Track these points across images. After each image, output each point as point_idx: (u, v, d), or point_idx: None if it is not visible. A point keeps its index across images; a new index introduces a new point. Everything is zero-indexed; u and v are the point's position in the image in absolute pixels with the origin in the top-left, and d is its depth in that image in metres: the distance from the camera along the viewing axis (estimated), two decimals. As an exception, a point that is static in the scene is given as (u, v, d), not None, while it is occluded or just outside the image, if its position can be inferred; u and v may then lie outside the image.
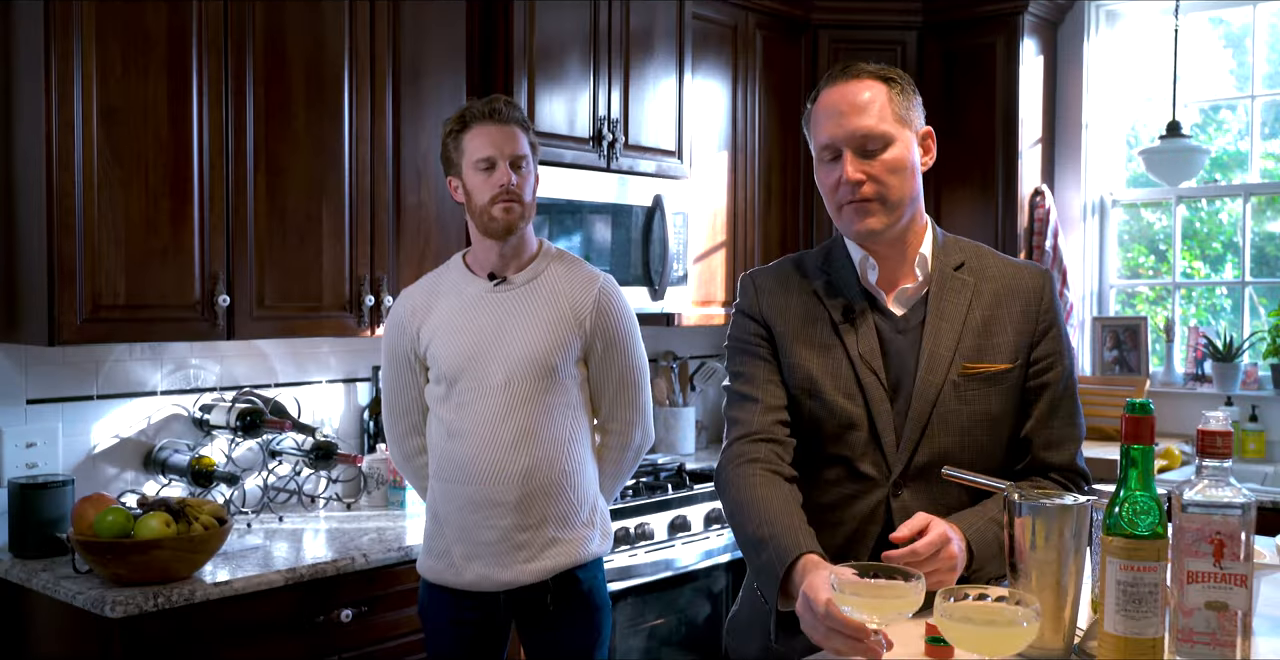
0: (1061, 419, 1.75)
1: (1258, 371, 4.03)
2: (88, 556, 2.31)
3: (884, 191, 1.69)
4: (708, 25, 3.90)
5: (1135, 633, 1.29)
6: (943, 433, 1.70)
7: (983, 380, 1.71)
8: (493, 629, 2.36)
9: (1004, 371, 1.72)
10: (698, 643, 3.45)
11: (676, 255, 3.64)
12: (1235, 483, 1.34)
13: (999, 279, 1.77)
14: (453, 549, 2.31)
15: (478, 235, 2.35)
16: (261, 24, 2.73)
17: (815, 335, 1.76)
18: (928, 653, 1.45)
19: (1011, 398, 1.73)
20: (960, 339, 1.72)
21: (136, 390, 2.89)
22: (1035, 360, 1.74)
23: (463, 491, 2.30)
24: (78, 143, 2.44)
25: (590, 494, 2.38)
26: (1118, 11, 4.41)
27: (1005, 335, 1.73)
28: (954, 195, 4.33)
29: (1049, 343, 1.75)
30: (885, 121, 1.69)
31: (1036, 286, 1.77)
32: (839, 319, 1.75)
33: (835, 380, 1.73)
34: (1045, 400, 1.74)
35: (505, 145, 2.27)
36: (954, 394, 1.70)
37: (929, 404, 1.70)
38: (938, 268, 1.77)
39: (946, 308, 1.74)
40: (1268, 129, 4.21)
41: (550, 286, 2.34)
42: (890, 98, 1.70)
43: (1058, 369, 1.74)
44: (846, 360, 1.73)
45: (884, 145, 1.69)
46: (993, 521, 1.63)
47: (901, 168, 1.70)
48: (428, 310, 2.37)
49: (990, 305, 1.75)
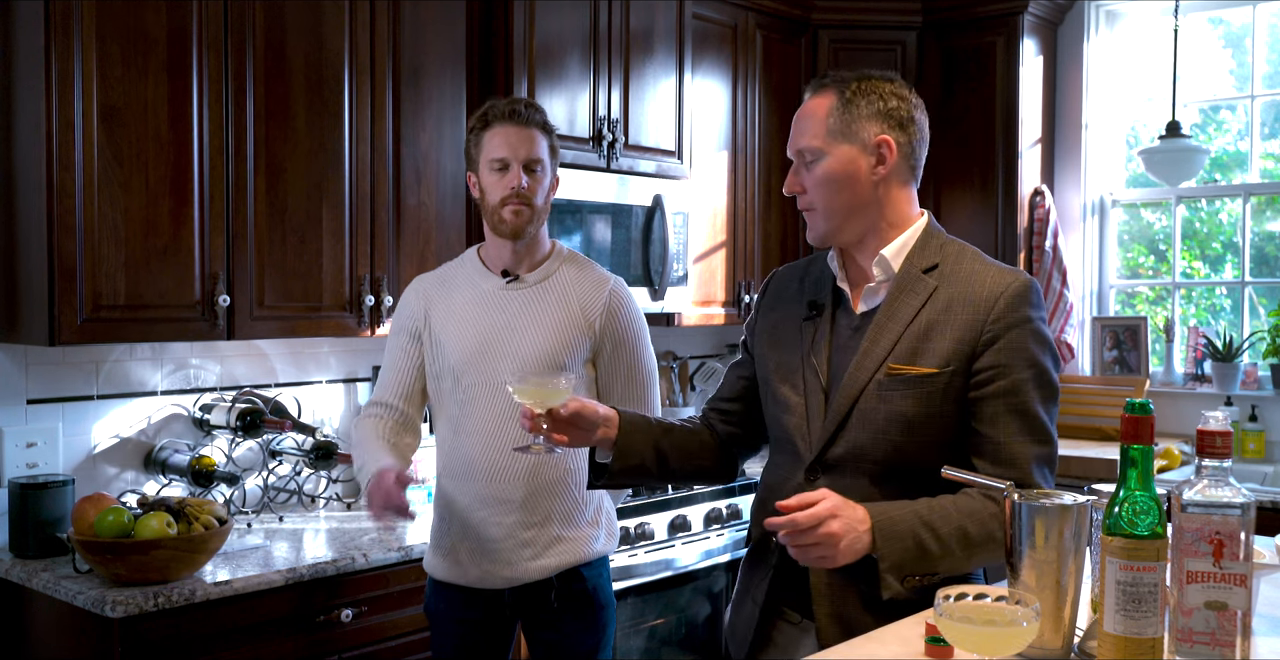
0: (1008, 433, 1.68)
1: (1257, 371, 4.03)
2: (88, 556, 2.31)
3: (814, 202, 1.78)
4: (708, 25, 3.90)
5: (1135, 633, 1.29)
6: (858, 428, 1.73)
7: (904, 382, 1.70)
8: (498, 627, 2.37)
9: (928, 376, 1.70)
10: (698, 643, 3.46)
11: (676, 255, 3.64)
12: (1235, 483, 1.34)
13: (961, 284, 1.74)
14: (458, 546, 2.32)
15: (491, 233, 2.36)
16: (261, 24, 2.73)
17: (784, 330, 1.88)
18: (928, 653, 1.46)
19: (936, 402, 1.70)
20: (899, 340, 1.73)
21: (137, 390, 2.89)
22: (977, 370, 1.69)
23: (469, 488, 2.31)
24: (78, 142, 2.44)
25: (596, 493, 2.39)
26: (1118, 11, 4.41)
27: (943, 341, 1.71)
28: (954, 195, 4.33)
29: (996, 354, 1.68)
30: (818, 138, 1.76)
31: (992, 296, 1.70)
32: (804, 315, 1.85)
33: (785, 372, 1.84)
34: (987, 414, 1.69)
35: (521, 147, 2.28)
36: (875, 393, 1.72)
37: (850, 400, 1.74)
38: (904, 269, 1.78)
39: (898, 309, 1.75)
40: (1267, 129, 4.22)
41: (562, 287, 2.35)
42: (831, 112, 1.76)
43: (1001, 382, 1.68)
44: (798, 354, 1.82)
45: (814, 160, 1.77)
46: (916, 516, 1.64)
47: (833, 180, 1.76)
48: (440, 298, 2.38)
49: (941, 310, 1.73)
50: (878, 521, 1.61)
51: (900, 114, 1.76)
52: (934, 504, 1.67)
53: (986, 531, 1.66)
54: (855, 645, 1.54)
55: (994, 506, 1.67)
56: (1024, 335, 1.70)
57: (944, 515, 1.65)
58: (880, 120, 1.75)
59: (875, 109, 1.75)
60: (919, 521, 1.63)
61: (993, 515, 1.66)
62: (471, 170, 2.36)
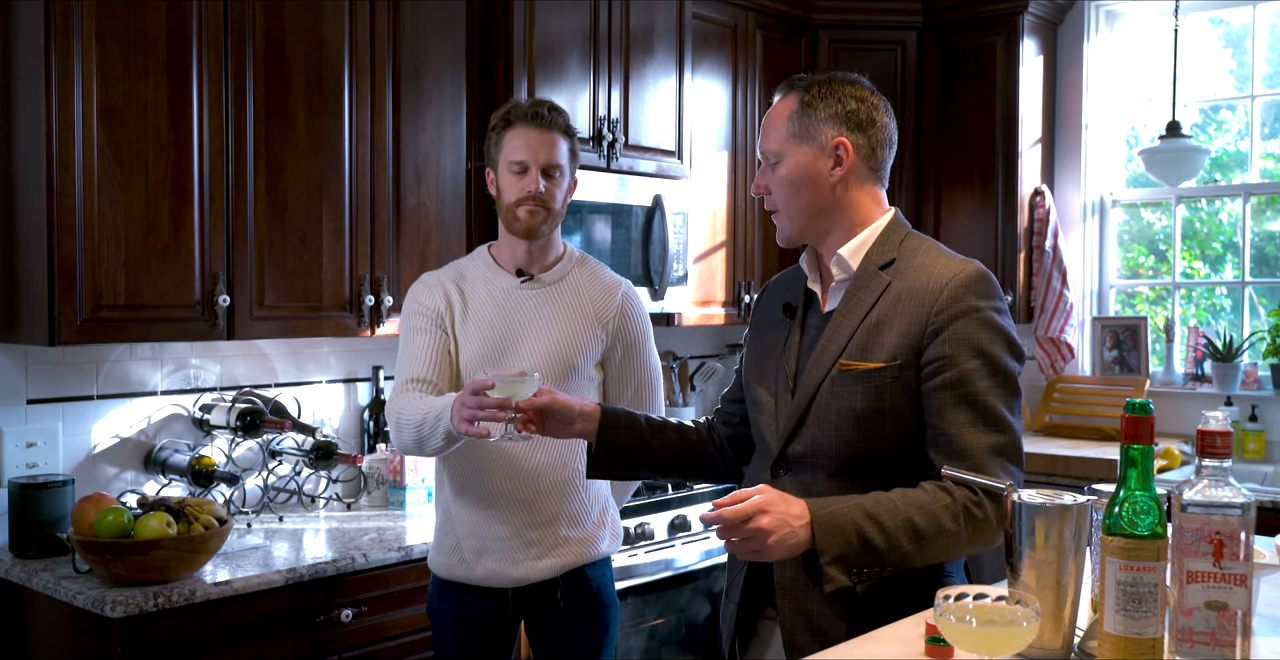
0: (959, 424, 1.67)
1: (1257, 371, 4.03)
2: (88, 556, 2.31)
3: (778, 203, 1.82)
4: (708, 25, 3.90)
5: (1135, 633, 1.29)
6: (815, 425, 1.76)
7: (853, 377, 1.72)
8: (501, 626, 2.37)
9: (876, 370, 1.71)
10: (698, 643, 3.46)
11: (676, 255, 3.64)
12: (1235, 483, 1.34)
13: (912, 278, 1.74)
14: (463, 544, 2.32)
15: (505, 232, 2.36)
16: (261, 24, 2.73)
17: (766, 333, 1.92)
18: (928, 653, 1.46)
19: (885, 397, 1.70)
20: (853, 336, 1.74)
21: (137, 390, 2.89)
22: (925, 363, 1.69)
23: (476, 487, 2.31)
24: (78, 143, 2.44)
25: (602, 495, 2.40)
26: (1118, 12, 4.41)
27: (891, 335, 1.71)
28: (954, 195, 4.33)
29: (941, 345, 1.68)
30: (779, 141, 1.81)
31: (938, 287, 1.70)
32: (781, 316, 1.90)
33: (761, 373, 1.89)
34: (937, 407, 1.68)
35: (540, 151, 2.28)
36: (829, 389, 1.74)
37: (807, 397, 1.77)
38: (862, 266, 1.79)
39: (854, 306, 1.77)
40: (1267, 129, 4.22)
41: (575, 288, 2.36)
42: (791, 115, 1.79)
43: (948, 373, 1.67)
44: (773, 356, 1.87)
45: (777, 162, 1.81)
46: (859, 509, 1.64)
47: (793, 181, 1.79)
48: (457, 294, 2.35)
49: (891, 304, 1.74)
50: (816, 515, 1.62)
51: (859, 116, 1.78)
52: (880, 497, 1.66)
53: (935, 523, 1.64)
54: (855, 645, 1.54)
55: (946, 498, 1.65)
56: (970, 325, 1.68)
57: (890, 508, 1.64)
58: (838, 122, 1.77)
59: (833, 111, 1.77)
60: (862, 514, 1.63)
61: (944, 507, 1.64)
62: (490, 168, 2.36)
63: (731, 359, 4.43)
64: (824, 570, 1.62)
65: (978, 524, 1.65)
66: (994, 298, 1.72)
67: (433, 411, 2.11)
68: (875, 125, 1.79)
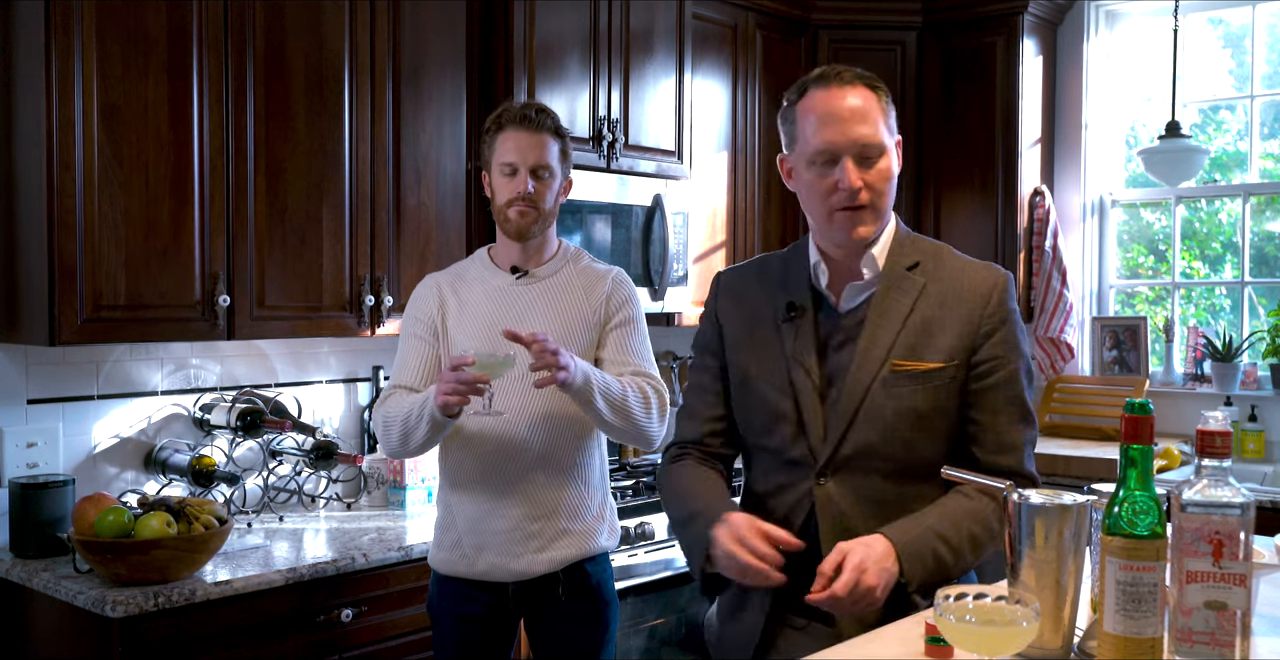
0: (1007, 422, 1.76)
1: (1257, 371, 4.03)
2: (88, 556, 2.31)
3: (875, 199, 1.75)
4: (708, 25, 3.90)
5: (1134, 632, 1.29)
6: (868, 427, 1.74)
7: (911, 377, 1.74)
8: (501, 623, 2.37)
9: (935, 370, 1.74)
10: (698, 642, 3.45)
11: (676, 255, 3.64)
12: (1234, 483, 1.34)
13: (950, 280, 1.79)
14: (464, 539, 2.33)
15: (499, 232, 2.40)
16: (262, 24, 2.73)
17: (757, 334, 1.85)
18: (928, 653, 1.46)
19: (942, 396, 1.75)
20: (898, 338, 1.75)
21: (137, 390, 2.89)
22: (977, 363, 1.75)
23: (476, 481, 2.32)
24: (78, 142, 2.44)
25: (601, 488, 2.41)
26: (1118, 12, 4.41)
27: (945, 336, 1.75)
28: (954, 195, 4.33)
29: (993, 346, 1.75)
30: (881, 133, 1.75)
31: (985, 290, 1.77)
32: (781, 318, 1.83)
33: (769, 377, 1.81)
34: (988, 405, 1.75)
35: (530, 153, 2.31)
36: (882, 390, 1.74)
37: (857, 399, 1.74)
38: (889, 267, 1.80)
39: (890, 307, 1.78)
40: (1267, 129, 4.22)
41: (568, 281, 2.39)
42: (881, 107, 1.76)
43: (1001, 373, 1.75)
44: (781, 357, 1.81)
45: (879, 154, 1.74)
46: (930, 531, 1.67)
47: (891, 177, 1.77)
48: (453, 295, 2.40)
49: (935, 306, 1.77)
50: (902, 548, 1.64)
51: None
52: (943, 513, 1.71)
53: (989, 530, 1.73)
54: (855, 645, 1.54)
55: (993, 503, 1.73)
56: (1012, 327, 1.78)
57: (954, 523, 1.69)
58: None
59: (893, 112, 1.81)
60: (934, 536, 1.67)
61: (993, 512, 1.73)
62: (485, 171, 2.40)
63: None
64: (912, 599, 1.66)
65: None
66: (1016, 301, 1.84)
67: (418, 402, 2.21)
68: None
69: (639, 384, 2.30)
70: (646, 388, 2.30)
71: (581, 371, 2.14)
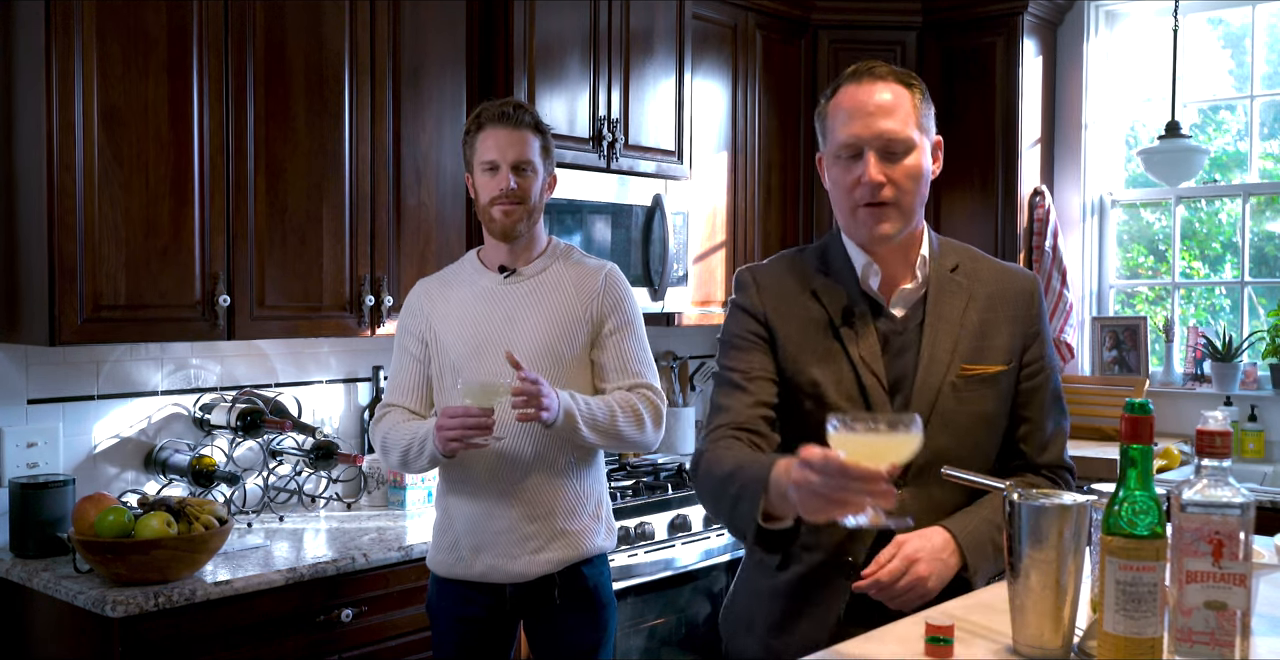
0: (1052, 419, 1.81)
1: (1257, 371, 4.03)
2: (88, 556, 2.31)
3: (900, 197, 1.71)
4: (708, 25, 3.90)
5: (1134, 632, 1.29)
6: (941, 433, 1.69)
7: (979, 381, 1.75)
8: (500, 625, 2.37)
9: (1000, 373, 1.77)
10: (698, 642, 3.46)
11: (676, 255, 3.64)
12: (1234, 483, 1.34)
13: (992, 282, 1.82)
14: (461, 540, 2.33)
15: (486, 233, 2.40)
16: (262, 24, 2.73)
17: (817, 339, 1.76)
18: (927, 652, 1.46)
19: (1005, 398, 1.78)
20: (958, 341, 1.75)
21: (137, 390, 2.89)
22: (1027, 363, 1.80)
23: (473, 483, 2.33)
24: (78, 143, 2.44)
25: (597, 488, 2.41)
26: (1117, 12, 4.41)
27: (1001, 338, 1.78)
28: (953, 195, 4.33)
29: (1039, 346, 1.81)
30: (909, 127, 1.70)
31: (1028, 290, 1.83)
32: (839, 322, 1.75)
33: (838, 384, 1.73)
34: (1037, 403, 1.80)
35: (510, 150, 2.31)
36: (952, 395, 1.73)
37: (928, 404, 1.71)
38: (935, 270, 1.79)
39: (944, 310, 1.77)
40: (1267, 129, 4.22)
41: (558, 278, 2.38)
42: (914, 104, 1.73)
43: (1046, 371, 1.81)
44: (848, 364, 1.74)
45: (906, 150, 1.70)
46: (987, 522, 1.70)
47: (919, 174, 1.72)
48: (441, 298, 2.41)
49: (985, 308, 1.78)
50: (963, 540, 1.67)
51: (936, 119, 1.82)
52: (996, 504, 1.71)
53: None
54: (855, 645, 1.54)
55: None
56: (1046, 329, 1.85)
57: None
58: (933, 121, 1.78)
59: (934, 111, 1.80)
60: (991, 527, 1.70)
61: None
62: (468, 172, 2.40)
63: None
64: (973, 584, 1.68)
65: None
66: None
67: (417, 438, 2.28)
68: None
69: (630, 402, 2.29)
70: (639, 404, 2.30)
71: (562, 409, 2.18)
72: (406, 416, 2.38)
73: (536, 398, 2.13)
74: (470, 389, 2.14)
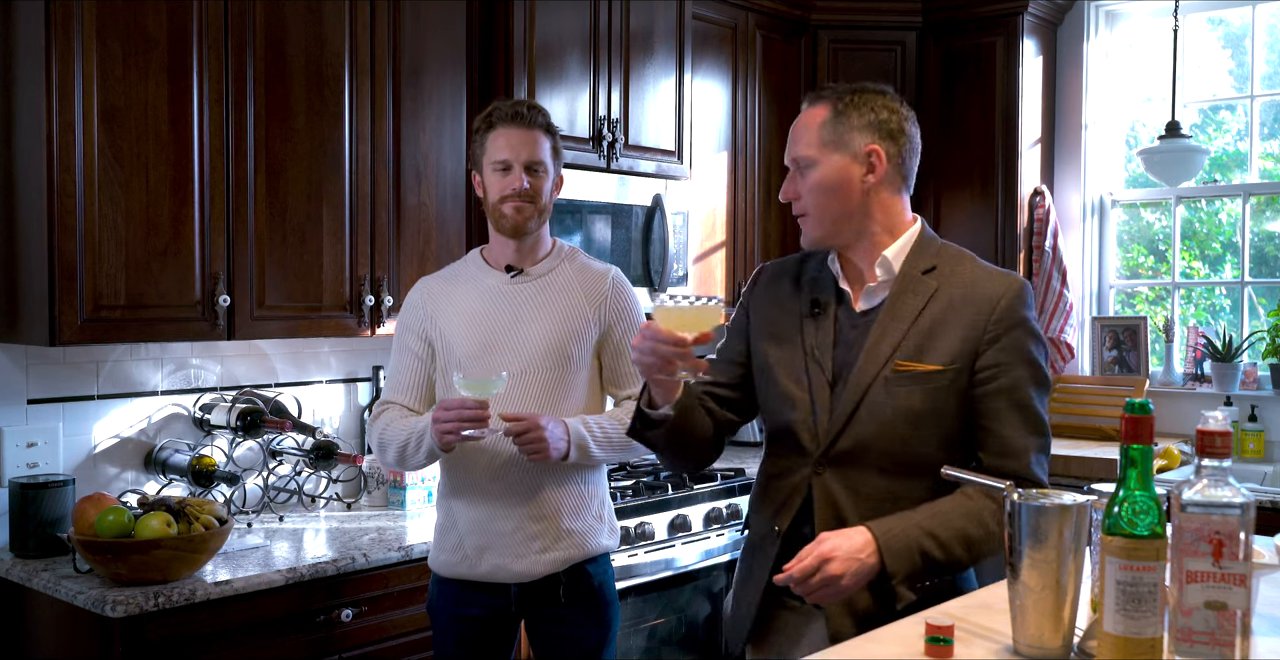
0: (1010, 427, 1.78)
1: (1257, 371, 4.03)
2: (88, 556, 2.31)
3: (810, 208, 1.86)
4: (708, 25, 3.90)
5: (1134, 632, 1.29)
6: (867, 422, 1.80)
7: (910, 378, 1.79)
8: (502, 625, 2.37)
9: (935, 372, 1.79)
10: (698, 642, 3.46)
11: (676, 255, 3.64)
12: (1234, 482, 1.34)
13: (964, 285, 1.84)
14: (466, 541, 2.33)
15: (494, 232, 2.39)
16: (262, 24, 2.73)
17: (782, 326, 1.93)
18: (927, 652, 1.46)
19: (940, 398, 1.79)
20: (904, 338, 1.81)
21: (137, 390, 2.89)
22: (980, 368, 1.79)
23: (477, 483, 2.32)
24: (78, 143, 2.44)
25: (600, 488, 2.42)
26: (1118, 12, 4.41)
27: (949, 340, 1.80)
28: (954, 196, 4.33)
29: (998, 353, 1.78)
30: (811, 147, 1.85)
31: (994, 296, 1.80)
32: (806, 312, 1.91)
33: (788, 368, 1.90)
34: (992, 410, 1.79)
35: (523, 150, 2.31)
36: (883, 388, 1.80)
37: (859, 395, 1.81)
38: (905, 270, 1.86)
39: (900, 308, 1.84)
40: (1267, 129, 4.22)
41: (565, 279, 2.39)
42: (824, 123, 1.85)
43: (1003, 379, 1.78)
44: (801, 351, 1.89)
45: (808, 167, 1.86)
46: (918, 527, 1.73)
47: (822, 187, 1.84)
48: (445, 296, 2.40)
49: (945, 309, 1.82)
50: (883, 541, 1.71)
51: (890, 125, 1.85)
52: (935, 510, 1.75)
53: (986, 530, 1.75)
54: (855, 645, 1.55)
55: (992, 504, 1.75)
56: (1021, 335, 1.80)
57: (944, 521, 1.73)
58: (871, 131, 1.84)
59: (866, 120, 1.85)
60: (921, 532, 1.72)
61: (991, 513, 1.75)
62: (475, 169, 2.40)
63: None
64: (896, 590, 1.71)
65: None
66: (1034, 308, 1.86)
67: (415, 433, 2.27)
68: (904, 135, 1.87)
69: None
70: None
71: (574, 443, 2.24)
72: (404, 414, 2.38)
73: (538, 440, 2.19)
74: (467, 382, 2.15)
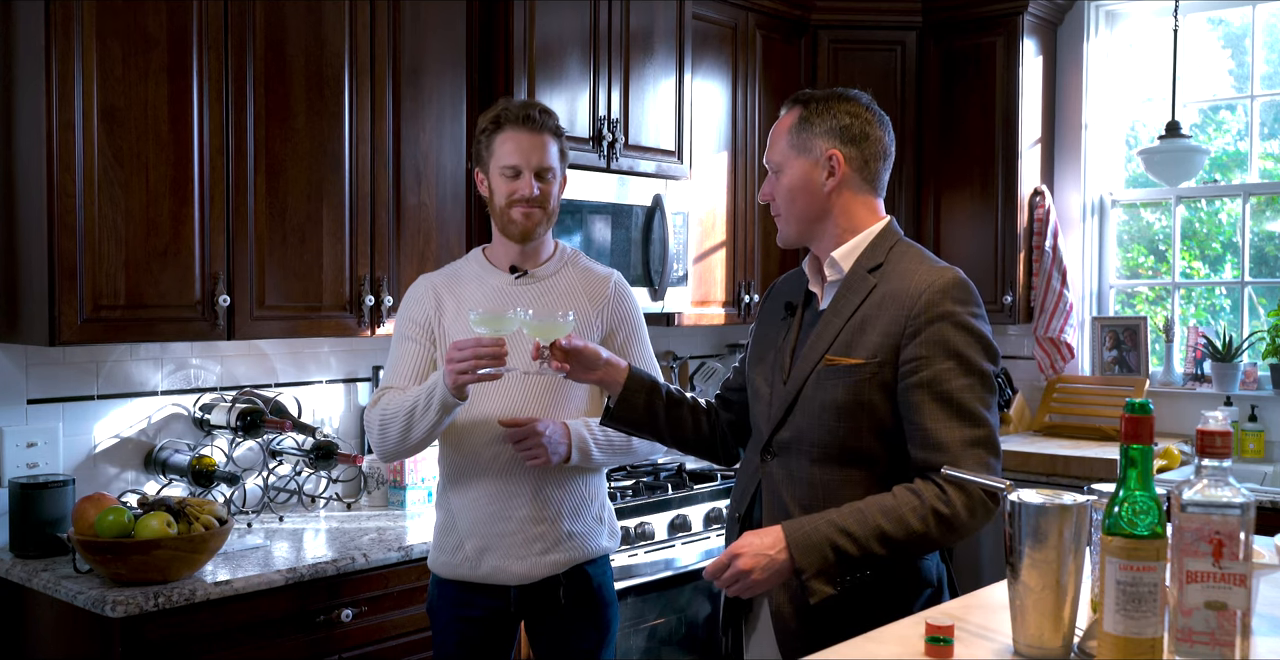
0: (933, 420, 1.78)
1: (1257, 371, 4.03)
2: (88, 556, 2.31)
3: (780, 209, 1.97)
4: (708, 25, 3.90)
5: (1134, 632, 1.29)
6: (801, 414, 1.89)
7: (837, 371, 1.85)
8: (502, 626, 2.37)
9: (856, 366, 1.84)
10: (698, 642, 3.46)
11: (676, 255, 3.64)
12: (1234, 482, 1.34)
13: (895, 281, 1.87)
14: (466, 542, 2.32)
15: (499, 233, 2.37)
16: (261, 24, 2.73)
17: (768, 327, 2.05)
18: (927, 652, 1.46)
19: (864, 391, 1.83)
20: (839, 334, 1.87)
21: (137, 390, 2.89)
22: (903, 362, 1.82)
23: (478, 484, 2.31)
24: (78, 143, 2.44)
25: (601, 489, 2.42)
26: (1118, 12, 4.41)
27: (873, 334, 1.84)
28: (953, 195, 4.33)
29: (918, 346, 1.80)
30: (780, 152, 1.95)
31: (917, 291, 1.82)
32: (784, 314, 2.03)
33: (761, 365, 2.01)
34: (912, 400, 1.81)
35: (533, 155, 2.28)
36: (815, 382, 1.88)
37: (796, 388, 1.90)
38: (854, 268, 1.92)
39: (840, 305, 1.90)
40: (1267, 129, 4.22)
41: (568, 282, 2.39)
42: (791, 128, 1.94)
43: (924, 372, 1.79)
44: (772, 348, 2.00)
45: (778, 170, 1.96)
46: (831, 524, 1.77)
47: (791, 189, 1.94)
48: (449, 294, 2.37)
49: (875, 304, 1.87)
50: (792, 538, 1.78)
51: (853, 130, 1.91)
52: (855, 508, 1.79)
53: (904, 527, 1.76)
54: (855, 645, 1.55)
55: (914, 500, 1.77)
56: (946, 328, 1.80)
57: (859, 518, 1.77)
58: (832, 136, 1.91)
59: (828, 126, 1.91)
60: (834, 528, 1.77)
61: (912, 509, 1.76)
62: (480, 170, 2.36)
63: (731, 358, 4.43)
64: (808, 585, 1.76)
65: (946, 520, 1.76)
66: (971, 303, 1.84)
67: (424, 391, 2.17)
68: (868, 139, 1.92)
69: None
70: None
71: (575, 446, 2.27)
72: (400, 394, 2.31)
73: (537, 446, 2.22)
74: (482, 317, 2.04)
